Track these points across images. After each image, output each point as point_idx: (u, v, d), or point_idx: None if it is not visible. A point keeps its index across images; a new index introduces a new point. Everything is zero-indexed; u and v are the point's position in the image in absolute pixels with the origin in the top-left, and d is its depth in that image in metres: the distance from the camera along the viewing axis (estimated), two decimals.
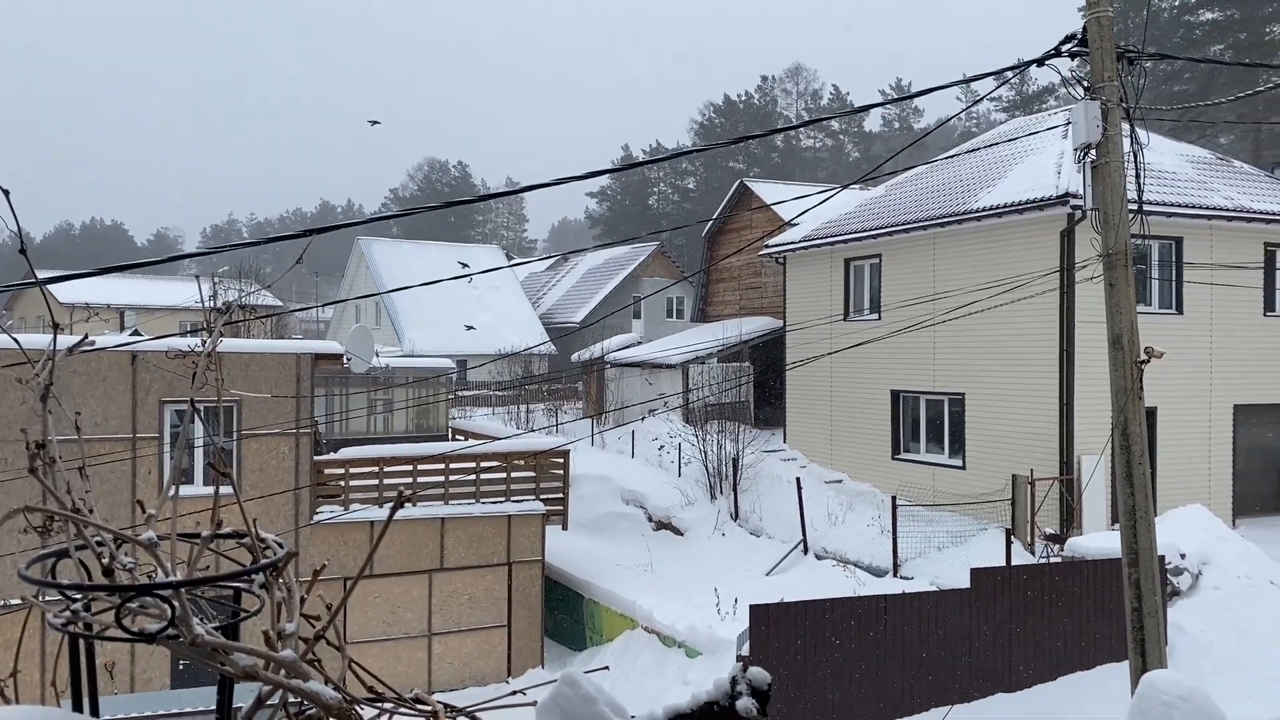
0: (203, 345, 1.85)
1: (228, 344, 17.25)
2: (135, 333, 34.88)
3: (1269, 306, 21.06)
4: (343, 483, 18.28)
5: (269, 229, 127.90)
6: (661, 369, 31.61)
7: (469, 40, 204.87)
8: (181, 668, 16.62)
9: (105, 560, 1.48)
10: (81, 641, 1.57)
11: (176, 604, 1.39)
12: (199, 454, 17.18)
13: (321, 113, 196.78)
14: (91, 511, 1.57)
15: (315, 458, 18.19)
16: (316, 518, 17.80)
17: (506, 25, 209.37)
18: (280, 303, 48.18)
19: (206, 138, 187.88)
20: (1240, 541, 15.95)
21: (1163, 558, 13.23)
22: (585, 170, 8.44)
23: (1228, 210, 20.08)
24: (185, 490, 15.74)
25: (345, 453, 18.89)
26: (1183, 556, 14.81)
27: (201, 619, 1.45)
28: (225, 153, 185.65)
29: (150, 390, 16.77)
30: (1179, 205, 19.44)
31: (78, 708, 1.58)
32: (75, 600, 1.50)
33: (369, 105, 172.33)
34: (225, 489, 1.67)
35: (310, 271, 75.20)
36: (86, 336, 2.24)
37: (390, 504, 18.07)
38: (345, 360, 19.72)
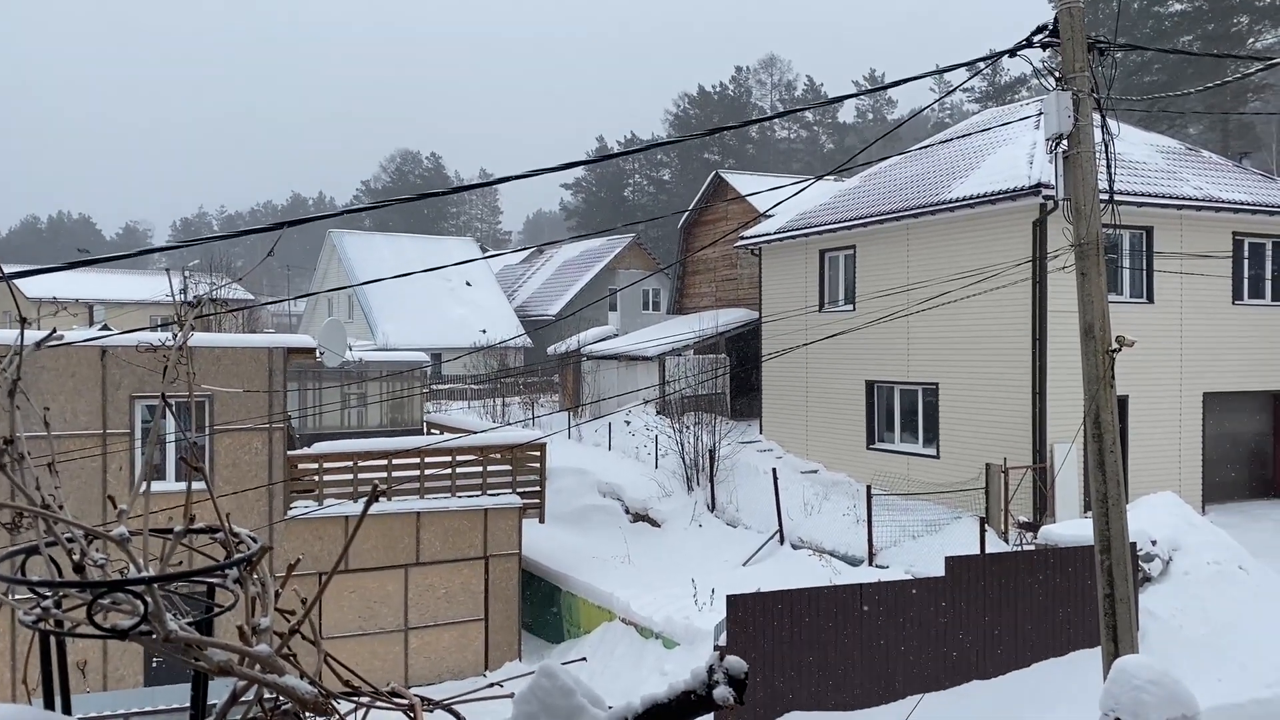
0: (174, 339, 1.83)
1: (199, 338, 17.08)
2: (105, 327, 34.46)
3: (1237, 295, 21.34)
4: (316, 478, 18.18)
5: (239, 222, 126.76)
6: (638, 361, 31.62)
7: (442, 31, 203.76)
8: (155, 665, 16.48)
9: (76, 556, 1.46)
10: (53, 639, 1.55)
11: (149, 600, 1.38)
12: (170, 449, 17.03)
13: (292, 104, 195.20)
14: (61, 508, 1.55)
15: (289, 453, 18.07)
16: (290, 513, 17.69)
17: (479, 17, 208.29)
18: (252, 296, 47.76)
19: (176, 129, 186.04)
20: (1210, 528, 16.14)
21: (1134, 544, 13.38)
22: (560, 162, 8.42)
23: (1197, 200, 20.31)
24: (157, 486, 15.56)
25: (319, 447, 18.77)
26: (1154, 543, 14.98)
27: (175, 615, 1.43)
28: (194, 145, 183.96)
29: (120, 386, 16.59)
30: (1149, 195, 19.64)
31: (49, 706, 1.56)
32: (46, 597, 1.48)
33: (340, 97, 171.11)
34: (198, 484, 1.65)
35: (282, 265, 74.69)
36: (55, 331, 2.21)
37: (364, 499, 18.01)
38: (318, 354, 19.59)
